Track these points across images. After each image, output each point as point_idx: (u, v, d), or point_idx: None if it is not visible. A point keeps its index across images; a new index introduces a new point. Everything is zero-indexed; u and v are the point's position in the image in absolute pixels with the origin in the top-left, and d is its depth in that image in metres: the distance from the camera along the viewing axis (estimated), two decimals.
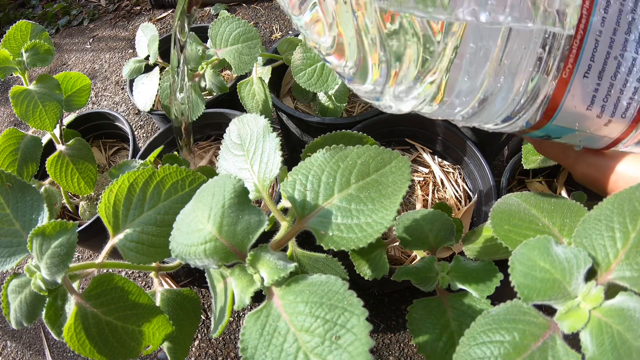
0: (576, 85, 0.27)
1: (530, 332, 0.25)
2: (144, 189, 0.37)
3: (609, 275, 0.25)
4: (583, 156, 0.34)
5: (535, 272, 0.26)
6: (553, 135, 0.31)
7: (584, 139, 0.31)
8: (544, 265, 0.26)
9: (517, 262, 0.27)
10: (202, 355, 0.80)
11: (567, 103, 0.27)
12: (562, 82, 0.26)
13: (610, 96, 0.27)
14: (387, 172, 0.30)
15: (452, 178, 0.74)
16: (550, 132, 0.30)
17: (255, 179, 0.37)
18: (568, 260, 0.26)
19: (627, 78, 0.27)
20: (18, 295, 0.36)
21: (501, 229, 0.33)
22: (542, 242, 0.27)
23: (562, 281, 0.25)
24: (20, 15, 1.61)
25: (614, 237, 0.25)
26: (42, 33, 0.63)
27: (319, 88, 0.61)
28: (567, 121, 0.29)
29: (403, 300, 0.84)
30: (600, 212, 0.27)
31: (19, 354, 0.84)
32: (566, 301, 0.25)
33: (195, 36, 0.71)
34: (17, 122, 1.27)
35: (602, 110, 0.28)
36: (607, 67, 0.26)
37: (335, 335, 0.23)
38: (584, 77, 0.26)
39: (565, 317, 0.25)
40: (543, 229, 0.32)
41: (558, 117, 0.28)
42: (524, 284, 0.26)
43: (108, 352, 0.35)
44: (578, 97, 0.27)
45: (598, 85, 0.27)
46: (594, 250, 0.26)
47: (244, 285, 0.28)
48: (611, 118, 0.28)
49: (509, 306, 0.27)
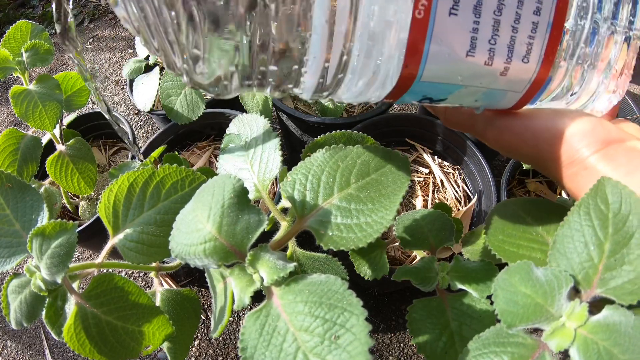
0: (441, 26, 0.20)
1: (519, 354, 0.25)
2: (143, 189, 0.37)
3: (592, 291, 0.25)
4: (492, 120, 0.28)
5: (517, 298, 0.26)
6: (435, 96, 0.24)
7: (480, 96, 0.24)
8: (524, 290, 0.26)
9: (499, 289, 0.27)
10: (202, 355, 0.80)
11: (434, 51, 0.21)
12: (417, 24, 0.20)
13: (499, 36, 0.21)
14: (387, 172, 0.30)
15: (452, 179, 0.74)
16: (427, 91, 0.23)
17: (255, 179, 0.37)
18: (549, 282, 0.25)
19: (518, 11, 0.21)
20: (18, 295, 0.36)
21: (495, 239, 0.33)
22: (523, 267, 0.27)
23: (544, 304, 0.25)
24: (20, 15, 1.61)
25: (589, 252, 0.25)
26: (42, 33, 0.63)
27: None
28: (444, 75, 0.22)
29: (403, 300, 0.84)
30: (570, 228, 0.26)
31: (19, 354, 0.84)
32: (550, 322, 0.25)
33: None
34: (17, 122, 1.27)
35: (492, 55, 0.22)
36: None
37: (335, 334, 0.23)
38: (450, 15, 0.20)
39: (552, 337, 0.25)
40: (536, 238, 0.32)
41: (425, 71, 0.22)
42: (507, 310, 0.26)
43: (108, 352, 0.35)
44: (449, 41, 0.21)
45: (477, 24, 0.21)
46: (572, 269, 0.26)
47: (244, 285, 0.28)
48: (507, 64, 0.22)
49: (498, 329, 0.27)
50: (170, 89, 0.69)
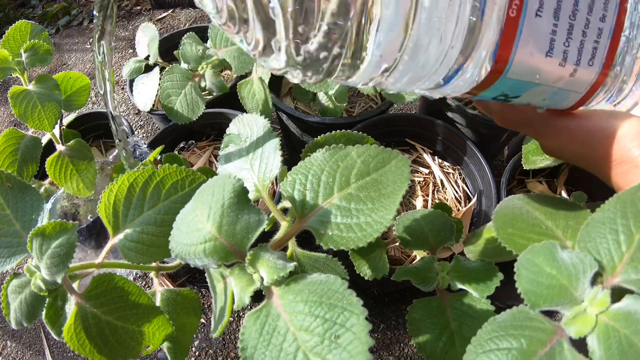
0: (528, 26, 0.22)
1: (537, 338, 0.25)
2: (143, 189, 0.37)
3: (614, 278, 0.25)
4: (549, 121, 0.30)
5: (541, 279, 0.26)
6: (511, 93, 0.26)
7: (548, 96, 0.27)
8: (550, 271, 0.26)
9: (522, 269, 0.27)
10: (202, 355, 0.80)
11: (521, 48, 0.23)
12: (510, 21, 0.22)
13: (572, 39, 0.24)
14: (387, 172, 0.30)
15: (452, 179, 0.74)
16: (507, 88, 0.25)
17: (255, 179, 0.37)
18: (574, 265, 0.25)
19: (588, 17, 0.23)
20: (18, 295, 0.36)
21: (505, 232, 0.33)
22: (548, 248, 0.27)
23: (569, 287, 0.25)
24: (20, 15, 1.61)
25: (618, 240, 0.25)
26: (42, 33, 0.62)
27: (319, 88, 0.61)
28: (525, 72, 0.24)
29: (403, 300, 0.84)
30: (603, 215, 0.26)
31: (19, 354, 0.84)
32: (573, 306, 0.25)
33: (196, 36, 0.71)
34: (17, 122, 1.27)
35: (565, 56, 0.24)
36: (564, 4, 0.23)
37: (335, 334, 0.23)
38: (536, 16, 0.22)
39: (572, 322, 0.25)
40: (546, 231, 0.32)
41: (512, 67, 0.24)
42: (531, 290, 0.26)
43: (108, 352, 0.35)
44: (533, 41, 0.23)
45: (555, 27, 0.23)
46: (598, 254, 0.26)
47: (244, 285, 0.28)
48: (576, 67, 0.25)
49: (515, 312, 0.27)
50: (170, 89, 0.69)
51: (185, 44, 0.69)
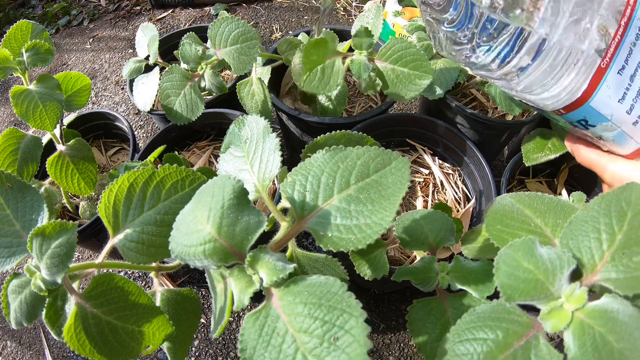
0: (611, 77, 0.32)
1: (513, 330, 0.26)
2: (144, 189, 0.37)
3: (594, 276, 0.25)
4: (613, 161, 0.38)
5: (518, 273, 0.26)
6: (590, 119, 0.35)
7: (615, 134, 0.35)
8: (527, 265, 0.26)
9: (502, 263, 0.27)
10: (202, 355, 0.80)
11: (603, 89, 0.33)
12: (600, 70, 0.33)
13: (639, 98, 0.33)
14: (387, 173, 0.30)
15: (452, 180, 0.74)
16: (587, 114, 0.35)
17: (255, 180, 0.37)
18: (551, 261, 0.26)
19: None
20: (18, 295, 0.36)
21: (493, 228, 0.34)
22: (527, 243, 0.27)
23: (545, 282, 0.26)
24: (20, 15, 1.61)
25: (599, 238, 0.25)
26: (43, 33, 0.63)
27: (321, 90, 0.61)
28: (603, 107, 0.34)
29: (403, 300, 0.84)
30: (587, 214, 0.27)
31: (19, 354, 0.84)
32: (549, 301, 0.26)
33: (195, 36, 0.70)
34: (17, 122, 1.27)
35: (631, 108, 0.33)
36: (638, 74, 0.33)
37: (334, 336, 0.23)
38: (617, 73, 0.33)
39: (548, 317, 0.25)
40: (535, 229, 0.32)
41: (595, 99, 0.33)
42: (507, 284, 0.26)
43: (108, 352, 0.35)
44: (612, 88, 0.33)
45: (629, 85, 0.33)
46: (579, 251, 0.26)
47: (243, 286, 0.28)
48: (638, 119, 0.34)
49: (494, 305, 0.27)
50: (170, 89, 0.69)
51: (185, 44, 0.69)
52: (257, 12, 1.47)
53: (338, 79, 0.62)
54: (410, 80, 0.60)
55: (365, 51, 0.61)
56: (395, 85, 0.61)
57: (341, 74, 0.62)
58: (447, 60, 0.69)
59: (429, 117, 0.73)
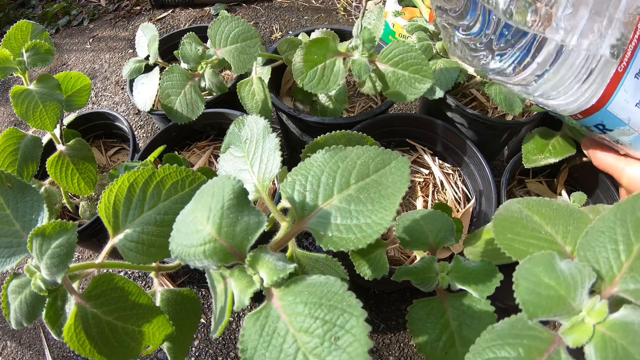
0: (628, 81, 0.33)
1: (535, 347, 0.25)
2: (144, 189, 0.37)
3: (612, 288, 0.25)
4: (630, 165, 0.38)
5: (540, 289, 0.26)
6: (607, 124, 0.35)
7: (633, 138, 0.36)
8: (548, 281, 0.26)
9: (521, 279, 0.27)
10: (202, 355, 0.80)
11: (621, 93, 0.33)
12: (617, 74, 0.33)
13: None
14: (387, 173, 0.30)
15: (452, 180, 0.74)
16: (605, 118, 0.35)
17: (255, 180, 0.37)
18: (573, 276, 0.25)
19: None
20: (18, 295, 0.36)
21: (504, 237, 0.33)
22: (547, 258, 0.27)
23: (567, 297, 0.25)
24: (20, 15, 1.61)
25: (617, 249, 0.25)
26: (43, 33, 0.62)
27: (321, 89, 0.61)
28: (620, 111, 0.34)
29: (403, 300, 0.84)
30: (603, 224, 0.26)
31: (19, 354, 0.84)
32: (571, 316, 0.25)
33: (195, 36, 0.70)
34: (17, 122, 1.27)
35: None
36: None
37: (335, 336, 0.23)
38: (635, 77, 0.33)
39: (570, 332, 0.25)
40: (546, 237, 0.32)
41: (612, 103, 0.33)
42: (529, 300, 0.26)
43: (108, 352, 0.35)
44: (629, 92, 0.33)
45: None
46: (597, 263, 0.26)
47: (244, 286, 0.28)
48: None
49: (513, 321, 0.27)
50: (170, 88, 0.69)
51: (185, 43, 0.69)
52: (257, 12, 1.47)
53: (338, 79, 0.62)
54: (410, 84, 0.60)
55: (367, 52, 0.61)
56: (395, 87, 0.61)
57: (341, 73, 0.62)
58: (447, 60, 0.69)
59: (429, 117, 0.73)
